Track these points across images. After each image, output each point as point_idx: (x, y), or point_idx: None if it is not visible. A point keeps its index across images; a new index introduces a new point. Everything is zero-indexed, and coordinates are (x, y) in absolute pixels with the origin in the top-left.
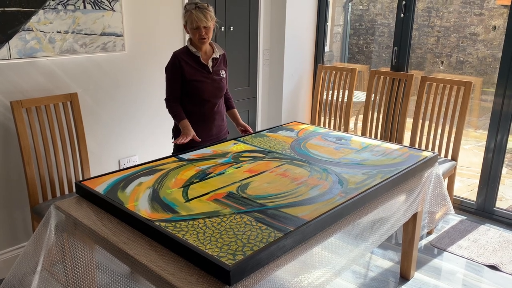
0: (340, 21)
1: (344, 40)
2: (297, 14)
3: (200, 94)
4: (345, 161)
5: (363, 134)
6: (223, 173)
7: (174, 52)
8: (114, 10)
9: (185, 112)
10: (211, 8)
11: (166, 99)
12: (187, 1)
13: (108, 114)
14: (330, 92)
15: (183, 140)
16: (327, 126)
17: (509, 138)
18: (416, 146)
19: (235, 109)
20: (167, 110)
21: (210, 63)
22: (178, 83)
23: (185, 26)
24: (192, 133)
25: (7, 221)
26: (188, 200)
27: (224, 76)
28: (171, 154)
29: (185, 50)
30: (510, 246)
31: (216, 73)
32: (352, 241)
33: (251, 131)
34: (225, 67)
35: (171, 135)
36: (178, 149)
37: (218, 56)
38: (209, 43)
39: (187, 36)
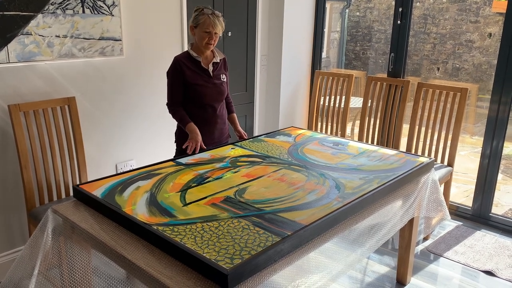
0: (337, 27)
1: (341, 46)
2: (295, 20)
3: (201, 98)
4: (342, 166)
5: (360, 139)
6: (221, 177)
7: (175, 57)
8: (113, 15)
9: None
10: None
11: (168, 104)
12: (198, 6)
13: (105, 118)
14: (327, 97)
15: (192, 147)
16: (324, 132)
17: (504, 144)
18: (413, 151)
19: (234, 114)
20: (167, 115)
21: (210, 68)
22: (180, 87)
23: (192, 27)
24: (200, 139)
25: (3, 225)
26: (185, 204)
27: (225, 80)
28: (171, 158)
29: (186, 54)
30: (506, 251)
31: (216, 77)
32: (349, 246)
33: (246, 137)
34: (226, 71)
35: (174, 139)
36: (181, 152)
37: (218, 61)
38: None
39: (186, 41)
